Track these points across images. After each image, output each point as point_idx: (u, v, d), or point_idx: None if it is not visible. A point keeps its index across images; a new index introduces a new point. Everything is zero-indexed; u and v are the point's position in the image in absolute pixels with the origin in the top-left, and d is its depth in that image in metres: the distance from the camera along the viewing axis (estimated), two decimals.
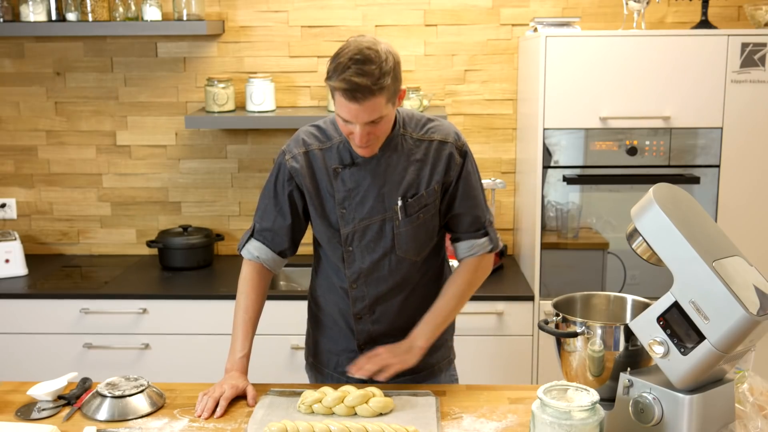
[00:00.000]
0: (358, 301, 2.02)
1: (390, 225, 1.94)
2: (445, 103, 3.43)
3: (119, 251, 3.61)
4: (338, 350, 2.11)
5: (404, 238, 1.95)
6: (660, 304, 1.59)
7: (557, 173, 2.97)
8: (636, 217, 1.63)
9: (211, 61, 3.44)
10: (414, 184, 1.94)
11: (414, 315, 2.03)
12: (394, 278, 1.99)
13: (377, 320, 2.04)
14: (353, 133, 1.81)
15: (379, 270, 1.98)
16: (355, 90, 1.72)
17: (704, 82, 2.88)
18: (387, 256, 1.97)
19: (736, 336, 1.49)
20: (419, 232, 1.96)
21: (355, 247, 1.97)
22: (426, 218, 1.96)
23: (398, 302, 2.02)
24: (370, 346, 2.03)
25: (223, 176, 3.53)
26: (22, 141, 3.53)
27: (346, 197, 1.94)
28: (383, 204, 1.93)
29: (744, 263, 1.60)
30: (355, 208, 1.94)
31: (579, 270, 3.05)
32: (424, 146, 1.95)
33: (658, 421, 1.58)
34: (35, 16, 3.22)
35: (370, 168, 1.93)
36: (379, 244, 1.96)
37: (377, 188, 1.93)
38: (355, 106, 1.75)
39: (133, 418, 1.82)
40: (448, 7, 3.36)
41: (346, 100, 1.75)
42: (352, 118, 1.78)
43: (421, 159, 1.94)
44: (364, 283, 2.00)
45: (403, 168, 1.93)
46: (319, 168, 1.96)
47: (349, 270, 1.99)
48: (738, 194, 2.95)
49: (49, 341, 3.04)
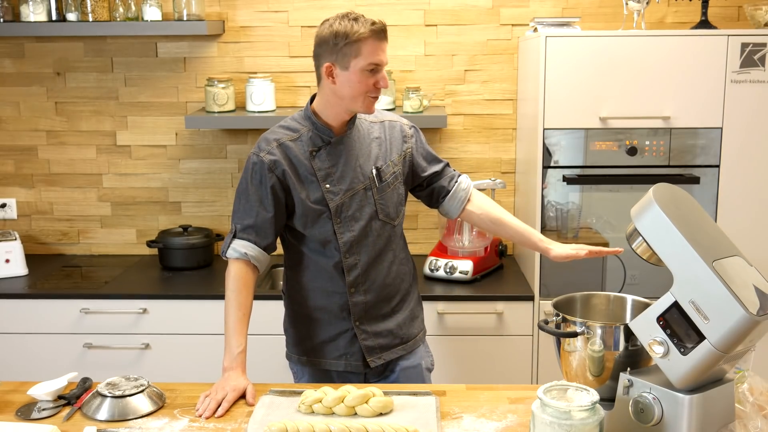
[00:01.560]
0: (352, 270, 2.15)
1: (370, 192, 2.15)
2: (445, 103, 3.43)
3: (119, 251, 3.62)
4: (333, 335, 2.21)
5: (383, 203, 2.17)
6: (660, 304, 1.59)
7: (557, 173, 2.97)
8: (636, 217, 1.63)
9: (211, 61, 3.44)
10: (380, 156, 2.18)
11: (395, 285, 2.24)
12: (380, 242, 2.18)
13: (368, 289, 2.18)
14: (377, 83, 2.04)
15: (367, 235, 2.15)
16: (383, 29, 2.02)
17: (704, 82, 2.88)
18: (372, 220, 2.15)
19: (736, 336, 1.49)
20: (393, 196, 2.19)
21: (344, 218, 2.12)
22: (396, 184, 2.20)
23: (385, 268, 2.20)
24: (363, 321, 2.19)
25: (223, 176, 3.53)
26: (23, 141, 3.53)
27: (328, 174, 2.11)
28: (362, 174, 2.14)
29: (744, 263, 1.60)
30: (338, 182, 2.11)
31: (579, 270, 3.04)
32: (377, 126, 2.21)
33: (658, 421, 1.58)
34: (35, 16, 3.22)
35: (342, 146, 2.13)
36: (364, 210, 2.14)
37: (353, 161, 2.13)
38: (385, 45, 2.03)
39: (133, 418, 1.82)
40: (448, 7, 3.36)
41: (379, 40, 2.01)
42: (383, 57, 2.04)
43: (379, 137, 2.20)
44: (356, 251, 2.15)
45: (368, 144, 2.17)
46: (294, 156, 2.11)
47: (341, 240, 2.12)
48: (738, 194, 2.95)
49: (49, 341, 3.04)
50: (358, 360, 2.20)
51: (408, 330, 2.28)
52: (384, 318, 2.23)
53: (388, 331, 2.23)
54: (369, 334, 2.21)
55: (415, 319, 2.33)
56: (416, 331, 2.32)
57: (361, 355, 2.20)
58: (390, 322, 2.24)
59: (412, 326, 2.30)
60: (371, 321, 2.21)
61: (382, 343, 2.23)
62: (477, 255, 3.17)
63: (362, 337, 2.20)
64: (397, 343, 2.25)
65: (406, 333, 2.27)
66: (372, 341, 2.21)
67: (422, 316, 2.39)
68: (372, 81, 2.04)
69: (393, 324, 2.24)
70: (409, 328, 2.29)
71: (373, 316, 2.21)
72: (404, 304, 2.29)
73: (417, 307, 2.36)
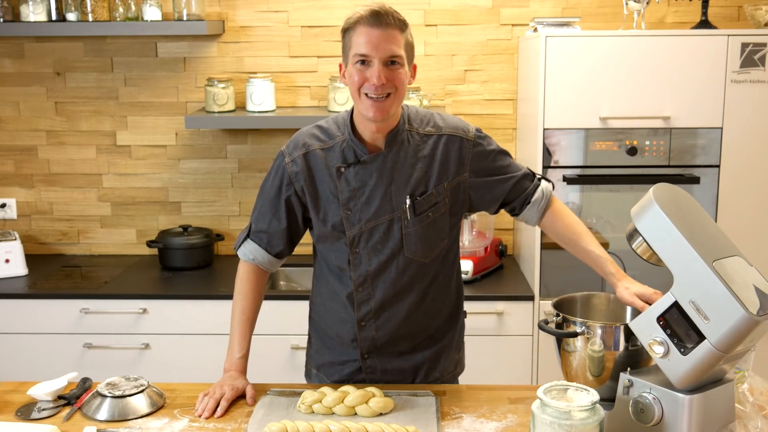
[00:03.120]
0: (363, 305, 1.94)
1: (398, 225, 1.88)
2: (445, 103, 3.43)
3: (119, 251, 3.62)
4: (341, 361, 2.04)
5: (413, 239, 1.89)
6: (660, 304, 1.59)
7: (557, 173, 2.97)
8: (636, 217, 1.63)
9: (211, 61, 3.44)
10: (422, 182, 1.88)
11: (420, 322, 1.97)
12: (401, 281, 1.92)
13: (381, 326, 1.96)
14: (368, 80, 1.76)
15: (386, 272, 1.91)
16: (379, 13, 1.73)
17: (704, 82, 2.88)
18: (395, 257, 1.90)
19: (736, 336, 1.49)
20: (429, 232, 1.90)
21: (361, 249, 1.90)
22: (436, 217, 1.90)
23: (405, 308, 1.94)
24: (372, 355, 1.99)
25: (223, 176, 3.53)
26: (22, 141, 3.53)
27: (351, 198, 1.88)
28: (390, 203, 1.87)
29: (744, 263, 1.59)
30: (361, 209, 1.87)
31: (579, 270, 3.02)
32: (431, 141, 1.90)
33: (658, 421, 1.58)
34: (35, 16, 3.22)
35: (376, 166, 1.86)
36: (386, 245, 1.89)
37: (384, 187, 1.86)
38: (377, 32, 1.73)
39: (133, 418, 1.82)
40: (448, 7, 3.36)
41: (369, 26, 1.74)
42: (372, 48, 1.74)
43: (429, 155, 1.89)
44: (371, 286, 1.92)
45: (411, 165, 1.87)
46: (320, 169, 1.89)
47: (354, 273, 1.92)
48: (738, 194, 2.95)
49: (49, 341, 3.04)
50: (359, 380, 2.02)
51: (428, 372, 2.01)
52: (400, 355, 2.00)
53: (399, 371, 2.00)
54: (376, 371, 2.00)
55: (444, 359, 2.03)
56: (439, 375, 2.03)
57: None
58: (406, 361, 2.00)
59: (435, 368, 2.02)
60: (382, 357, 1.99)
61: (390, 380, 2.01)
62: (477, 255, 3.17)
63: (367, 371, 2.00)
64: (408, 382, 2.01)
65: (423, 374, 2.01)
66: (377, 376, 2.00)
67: (457, 357, 2.10)
68: (362, 78, 1.77)
69: (408, 364, 2.00)
70: (431, 370, 2.01)
71: (386, 353, 1.99)
72: (432, 342, 2.02)
73: (448, 347, 2.04)
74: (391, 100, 1.80)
